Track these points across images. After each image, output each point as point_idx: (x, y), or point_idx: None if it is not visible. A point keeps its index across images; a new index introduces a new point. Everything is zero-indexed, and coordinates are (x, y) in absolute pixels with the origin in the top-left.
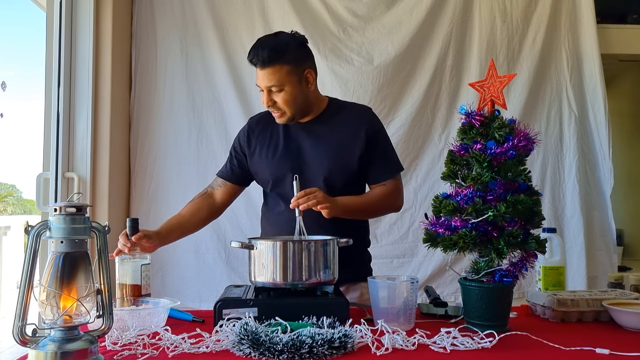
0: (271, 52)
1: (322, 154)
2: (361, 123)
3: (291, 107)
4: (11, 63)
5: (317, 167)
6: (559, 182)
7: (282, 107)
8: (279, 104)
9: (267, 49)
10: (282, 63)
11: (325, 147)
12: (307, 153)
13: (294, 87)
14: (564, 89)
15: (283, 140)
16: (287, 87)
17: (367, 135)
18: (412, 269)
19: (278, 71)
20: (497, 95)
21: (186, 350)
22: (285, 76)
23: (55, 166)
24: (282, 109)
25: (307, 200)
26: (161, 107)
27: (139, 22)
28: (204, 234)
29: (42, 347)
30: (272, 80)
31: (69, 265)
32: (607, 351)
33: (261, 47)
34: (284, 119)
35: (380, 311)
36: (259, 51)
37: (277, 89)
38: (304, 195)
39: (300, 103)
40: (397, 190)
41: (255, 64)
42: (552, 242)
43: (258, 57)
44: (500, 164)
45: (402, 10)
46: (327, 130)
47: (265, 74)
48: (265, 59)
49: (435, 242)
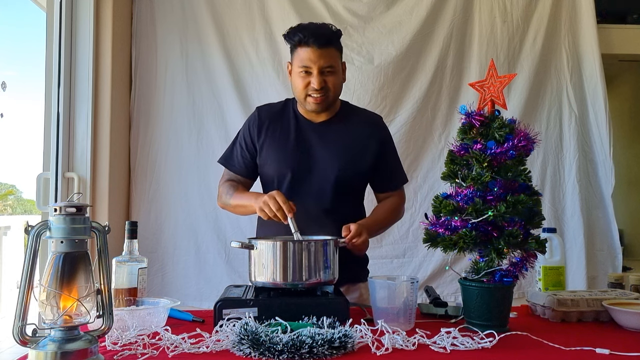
0: (330, 33)
1: (332, 155)
2: (373, 131)
3: (335, 93)
4: (11, 63)
5: (326, 167)
6: (559, 182)
7: (331, 89)
8: (329, 86)
9: (324, 30)
10: (336, 47)
11: (336, 149)
12: (316, 153)
13: (340, 74)
14: (564, 89)
15: (294, 137)
16: (338, 72)
17: (379, 145)
18: (412, 269)
19: (334, 53)
20: (497, 95)
21: (186, 350)
22: (337, 60)
23: (55, 166)
24: (330, 91)
25: (360, 239)
26: (161, 107)
27: (139, 22)
28: (204, 234)
29: (42, 347)
30: (330, 61)
31: (69, 265)
32: (607, 351)
33: (317, 28)
34: (323, 104)
35: (380, 311)
36: (316, 30)
37: (330, 71)
38: (357, 234)
39: (339, 92)
40: (403, 202)
41: (309, 42)
42: (552, 242)
43: (317, 36)
44: (500, 164)
45: (402, 10)
46: (339, 133)
47: (323, 53)
48: (325, 38)
49: (435, 242)
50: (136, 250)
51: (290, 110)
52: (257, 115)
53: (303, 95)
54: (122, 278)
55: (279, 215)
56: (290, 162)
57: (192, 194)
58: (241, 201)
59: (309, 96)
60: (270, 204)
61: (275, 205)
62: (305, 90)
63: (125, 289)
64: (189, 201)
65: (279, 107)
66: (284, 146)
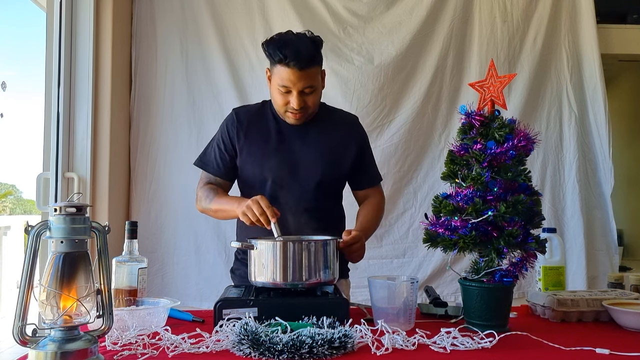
0: (312, 53)
1: (314, 156)
2: (352, 132)
3: (314, 107)
4: (11, 63)
5: (309, 168)
6: (559, 182)
7: (310, 107)
8: (308, 104)
9: (306, 50)
10: (318, 64)
11: (318, 150)
12: (299, 154)
13: (320, 89)
14: (564, 89)
15: (275, 139)
16: (318, 88)
17: (357, 145)
18: (412, 269)
19: (315, 72)
20: (497, 95)
21: (186, 350)
22: (317, 77)
23: (55, 166)
24: (309, 109)
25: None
26: (161, 107)
27: (139, 22)
28: (204, 234)
29: (42, 347)
30: (310, 82)
31: (69, 265)
32: (607, 351)
33: (300, 48)
34: (301, 120)
35: (380, 311)
36: (298, 52)
37: (310, 90)
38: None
39: (318, 104)
40: (383, 199)
41: (290, 64)
42: (552, 242)
43: (299, 58)
44: (500, 164)
45: (402, 10)
46: (320, 134)
47: (304, 75)
48: (307, 60)
49: (435, 242)
50: (136, 250)
51: (268, 112)
52: (235, 117)
53: (283, 110)
54: (122, 278)
55: (262, 220)
56: (272, 164)
57: (192, 194)
58: (222, 206)
59: (288, 112)
60: (253, 209)
61: (258, 209)
62: (284, 107)
63: (125, 289)
64: (189, 201)
65: (257, 109)
66: (264, 148)
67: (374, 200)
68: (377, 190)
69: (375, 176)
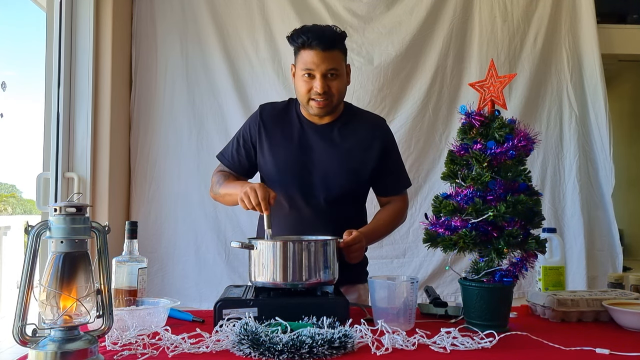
0: (335, 35)
1: (336, 157)
2: (377, 134)
3: (339, 97)
4: (11, 63)
5: (330, 169)
6: (559, 182)
7: (335, 94)
8: (332, 91)
9: (328, 32)
10: (340, 50)
11: (340, 152)
12: (317, 155)
13: (344, 77)
14: (564, 89)
15: (297, 139)
16: (342, 76)
17: (382, 148)
18: (412, 269)
19: (338, 56)
20: (497, 95)
21: (186, 350)
22: (341, 63)
23: (55, 166)
24: (333, 96)
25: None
26: (161, 107)
27: (139, 22)
28: (204, 234)
29: (42, 347)
30: (333, 64)
31: (69, 265)
32: (607, 351)
33: (321, 30)
34: (326, 109)
35: (380, 311)
36: (320, 33)
37: (334, 75)
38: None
39: (343, 96)
40: (406, 207)
41: (313, 45)
42: (552, 242)
43: (321, 39)
44: (500, 164)
45: (402, 10)
46: (342, 136)
47: (327, 57)
48: (329, 41)
49: (435, 242)
50: (136, 251)
51: (293, 111)
52: (259, 114)
53: (306, 99)
54: (122, 278)
55: (257, 209)
56: (293, 164)
57: (192, 194)
58: (229, 190)
59: (312, 100)
60: (250, 196)
61: (255, 199)
62: (308, 94)
63: (125, 289)
64: (189, 201)
65: (282, 107)
66: (286, 148)
67: (392, 207)
68: (400, 197)
69: (400, 183)
